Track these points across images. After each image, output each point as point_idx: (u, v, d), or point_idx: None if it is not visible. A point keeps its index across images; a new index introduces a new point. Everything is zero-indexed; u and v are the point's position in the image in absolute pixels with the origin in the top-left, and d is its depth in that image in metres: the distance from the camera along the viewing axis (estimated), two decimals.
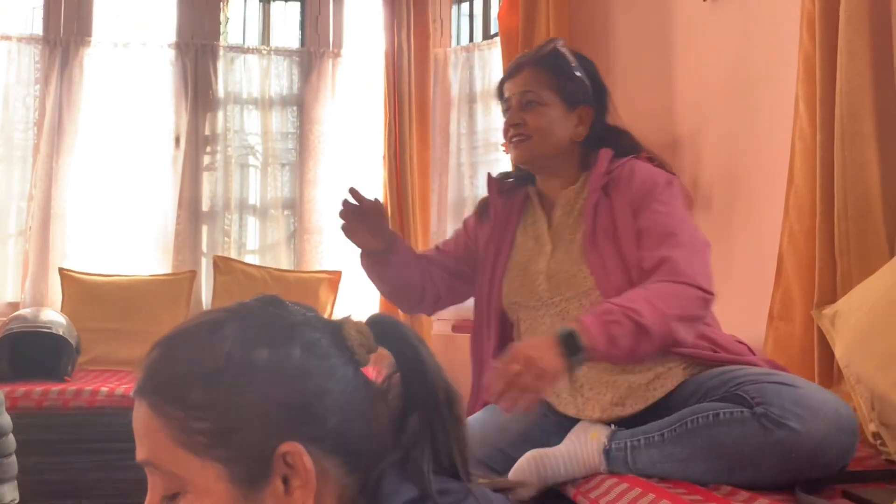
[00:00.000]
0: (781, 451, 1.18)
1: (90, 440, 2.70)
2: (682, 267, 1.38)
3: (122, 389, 2.76)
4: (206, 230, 3.70)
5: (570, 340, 1.23)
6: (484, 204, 1.73)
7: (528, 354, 1.21)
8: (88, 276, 3.40)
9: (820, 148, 1.81)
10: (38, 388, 2.70)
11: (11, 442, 1.94)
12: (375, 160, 3.69)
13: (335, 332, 0.75)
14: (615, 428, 1.37)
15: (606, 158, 1.55)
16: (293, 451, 0.68)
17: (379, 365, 0.79)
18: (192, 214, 3.65)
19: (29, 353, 2.85)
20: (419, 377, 0.76)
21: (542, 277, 1.55)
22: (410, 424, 0.75)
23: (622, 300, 1.32)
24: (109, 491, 2.69)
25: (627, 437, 1.33)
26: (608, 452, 1.32)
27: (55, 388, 2.73)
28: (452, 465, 0.75)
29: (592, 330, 1.25)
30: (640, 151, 1.60)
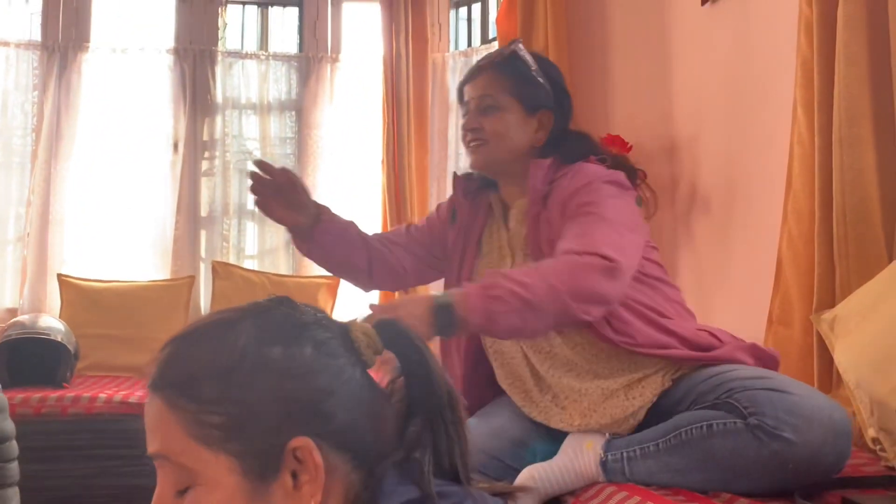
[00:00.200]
0: (778, 461, 1.17)
1: (88, 446, 2.70)
2: (587, 238, 1.33)
3: (120, 396, 2.76)
4: (204, 235, 3.70)
5: (446, 311, 1.19)
6: (452, 205, 1.67)
7: (397, 317, 1.18)
8: (87, 281, 3.39)
9: (818, 153, 1.81)
10: (36, 394, 2.70)
11: (14, 447, 1.94)
12: (374, 165, 3.69)
13: (343, 333, 0.77)
14: (609, 436, 1.36)
15: (541, 169, 1.49)
16: (304, 446, 0.69)
17: (382, 369, 0.81)
18: (190, 220, 3.65)
19: (27, 359, 2.84)
20: (423, 380, 0.77)
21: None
22: (413, 426, 0.77)
23: (515, 273, 1.27)
24: (107, 497, 2.69)
25: (623, 446, 1.31)
26: (605, 464, 1.31)
27: (53, 394, 2.73)
28: (453, 467, 0.77)
29: (472, 302, 1.20)
30: (596, 155, 1.54)
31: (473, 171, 1.60)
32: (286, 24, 3.92)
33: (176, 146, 3.64)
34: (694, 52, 2.79)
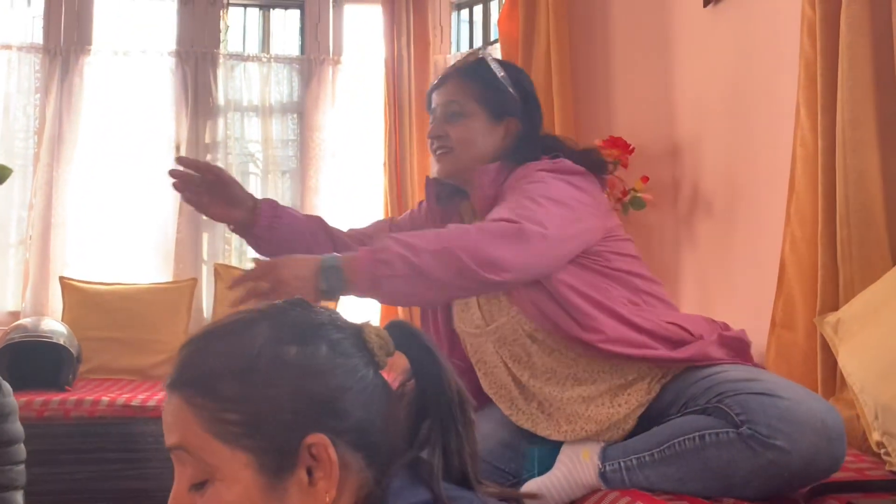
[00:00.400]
0: (774, 470, 1.16)
1: (91, 449, 2.70)
2: (501, 211, 1.31)
3: (123, 399, 2.76)
4: (206, 238, 3.70)
5: (332, 273, 1.18)
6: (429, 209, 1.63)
7: (280, 277, 1.17)
8: (89, 284, 3.40)
9: (821, 155, 1.81)
10: (39, 397, 2.70)
11: (22, 451, 1.95)
12: (376, 167, 3.69)
13: (356, 334, 0.79)
14: (604, 444, 1.35)
15: (487, 174, 1.47)
16: (319, 442, 0.71)
17: (392, 371, 0.82)
18: (192, 222, 3.65)
19: (30, 362, 2.85)
20: (434, 381, 0.79)
21: (475, 306, 1.49)
22: (423, 427, 0.79)
23: (410, 236, 1.24)
24: (110, 500, 2.69)
25: (619, 456, 1.30)
26: (604, 474, 1.30)
27: (56, 397, 2.74)
28: (462, 467, 0.78)
29: (359, 266, 1.19)
30: (553, 152, 1.49)
31: (440, 178, 1.58)
32: (288, 26, 3.92)
33: (178, 149, 3.64)
34: (696, 53, 2.79)
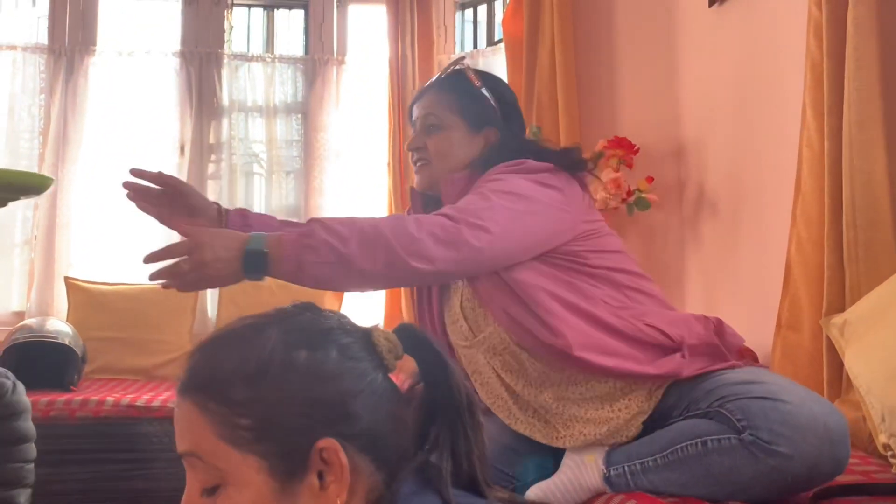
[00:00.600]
0: (777, 475, 1.15)
1: (96, 450, 2.71)
2: (449, 208, 1.30)
3: (127, 399, 2.76)
4: None
5: (256, 256, 1.18)
6: None
7: (202, 259, 1.16)
8: (94, 284, 3.40)
9: (828, 157, 1.80)
10: (44, 398, 2.70)
11: (32, 449, 1.97)
12: (380, 167, 3.69)
13: (366, 338, 0.79)
14: (608, 448, 1.34)
15: (453, 184, 1.45)
16: (330, 447, 0.72)
17: (401, 374, 0.83)
18: None
19: (35, 362, 2.85)
20: (444, 384, 0.79)
21: (461, 318, 1.48)
22: (432, 431, 0.79)
23: (337, 222, 1.22)
24: (115, 501, 2.69)
25: (624, 460, 1.30)
26: (609, 479, 1.30)
27: (61, 397, 2.74)
28: (471, 471, 0.78)
29: (285, 250, 1.18)
30: (525, 155, 1.46)
31: (419, 190, 1.56)
32: (292, 26, 3.92)
33: (182, 149, 3.65)
34: (701, 53, 2.79)
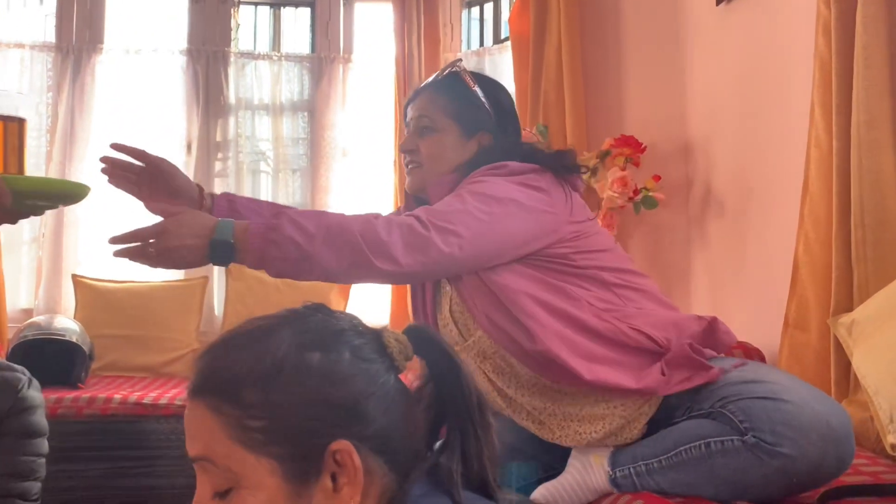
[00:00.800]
0: (782, 476, 1.16)
1: (103, 447, 2.72)
2: (422, 210, 1.29)
3: (135, 397, 2.77)
4: None
5: (223, 246, 1.20)
6: None
7: (168, 245, 1.19)
8: (101, 282, 3.41)
9: (836, 156, 1.80)
10: (51, 395, 2.71)
11: (45, 445, 1.98)
12: (387, 165, 3.69)
13: (377, 339, 0.79)
14: (613, 449, 1.33)
15: (441, 187, 1.43)
16: (343, 449, 0.71)
17: (410, 375, 0.82)
18: None
19: (43, 359, 2.86)
20: (454, 385, 0.79)
21: (451, 322, 1.47)
22: (441, 433, 0.79)
23: (304, 216, 1.23)
24: (121, 498, 2.70)
25: (629, 462, 1.29)
26: (614, 480, 1.30)
27: (69, 395, 2.75)
28: (482, 473, 0.78)
29: (251, 243, 1.20)
30: (516, 158, 1.44)
31: (410, 193, 1.55)
32: (298, 24, 3.92)
33: (189, 147, 3.65)
34: (708, 52, 2.78)
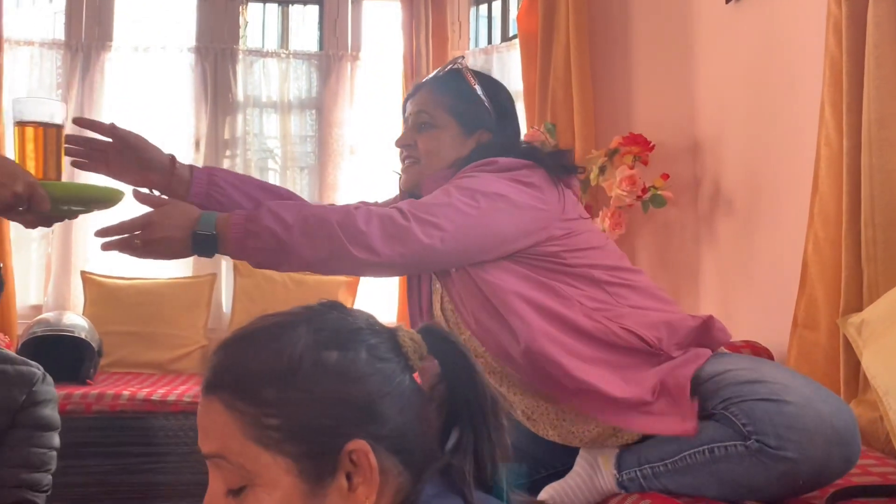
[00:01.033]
0: (788, 479, 1.15)
1: (112, 443, 2.73)
2: (405, 203, 1.29)
3: (143, 393, 2.78)
4: None
5: (204, 239, 1.22)
6: None
7: (153, 237, 1.21)
8: (110, 279, 3.43)
9: (846, 155, 1.79)
10: (61, 391, 2.70)
11: (56, 439, 2.00)
12: (395, 163, 3.68)
13: (391, 338, 0.78)
14: (618, 449, 1.33)
15: (435, 182, 1.43)
16: (360, 448, 0.71)
17: (423, 374, 0.82)
18: None
19: (52, 356, 2.87)
20: (468, 385, 0.78)
21: (442, 321, 1.46)
22: (454, 433, 0.78)
23: (284, 208, 1.23)
24: (130, 494, 2.71)
25: (634, 465, 1.29)
26: (621, 482, 1.30)
27: (78, 391, 2.76)
28: (494, 473, 0.78)
29: (231, 233, 1.22)
30: (508, 155, 1.43)
31: (404, 190, 1.54)
32: (307, 22, 3.93)
33: (198, 144, 3.67)
34: (717, 50, 2.77)
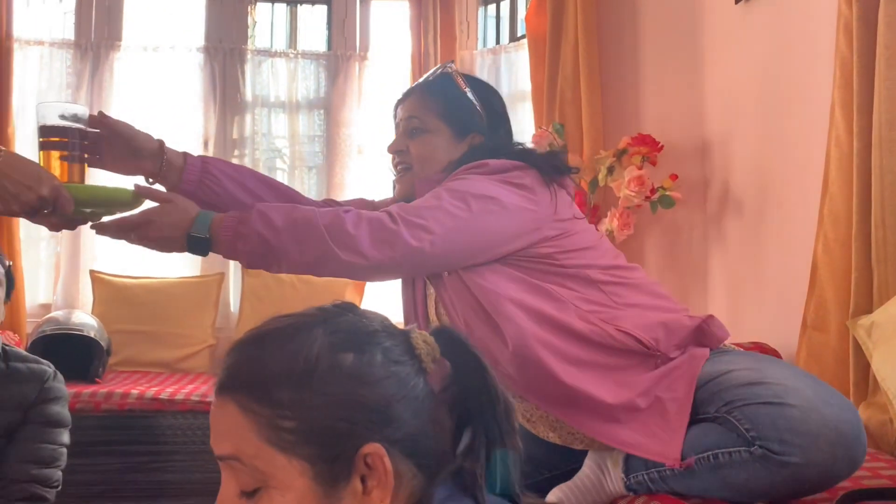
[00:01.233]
0: (793, 482, 1.14)
1: (120, 442, 2.74)
2: (396, 206, 1.29)
3: (151, 392, 2.79)
4: None
5: (198, 241, 1.25)
6: None
7: (148, 235, 1.25)
8: (118, 278, 3.44)
9: (857, 156, 1.78)
10: (70, 390, 2.70)
11: (67, 436, 2.02)
12: None
13: (405, 340, 0.77)
14: (624, 453, 1.32)
15: (427, 184, 1.42)
16: (375, 452, 0.70)
17: (434, 376, 0.81)
18: None
19: (61, 354, 2.88)
20: (481, 388, 0.78)
21: (437, 324, 1.45)
22: (467, 435, 0.77)
23: (276, 211, 1.25)
24: (139, 493, 2.72)
25: (642, 468, 1.28)
26: (629, 485, 1.29)
27: (86, 389, 2.78)
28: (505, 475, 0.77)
29: (222, 235, 1.24)
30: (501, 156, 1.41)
31: (399, 200, 1.52)
32: (315, 22, 3.93)
33: (206, 144, 3.67)
34: (727, 51, 2.76)
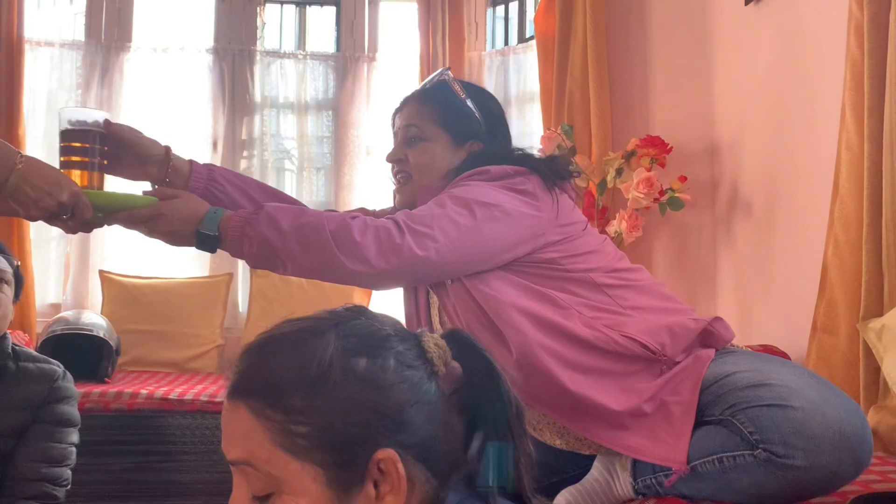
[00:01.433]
0: (799, 485, 1.14)
1: (129, 441, 2.74)
2: (401, 214, 1.29)
3: (161, 392, 2.80)
4: None
5: (207, 238, 1.26)
6: None
7: (158, 229, 1.28)
8: (128, 278, 3.45)
9: (867, 158, 1.78)
10: (79, 389, 2.72)
11: (76, 435, 2.03)
12: None
13: (417, 344, 0.77)
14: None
15: (429, 192, 1.40)
16: (388, 457, 0.70)
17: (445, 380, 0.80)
18: None
19: (70, 354, 2.89)
20: (493, 391, 0.77)
21: (440, 332, 1.41)
22: (478, 439, 0.77)
23: (283, 214, 1.25)
24: (148, 492, 2.73)
25: (649, 472, 1.28)
26: (637, 489, 1.29)
27: (96, 389, 2.78)
28: (517, 480, 0.76)
29: (230, 234, 1.26)
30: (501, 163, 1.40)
31: (399, 209, 1.49)
32: (324, 23, 3.94)
33: (215, 145, 3.68)
34: (736, 52, 2.75)
